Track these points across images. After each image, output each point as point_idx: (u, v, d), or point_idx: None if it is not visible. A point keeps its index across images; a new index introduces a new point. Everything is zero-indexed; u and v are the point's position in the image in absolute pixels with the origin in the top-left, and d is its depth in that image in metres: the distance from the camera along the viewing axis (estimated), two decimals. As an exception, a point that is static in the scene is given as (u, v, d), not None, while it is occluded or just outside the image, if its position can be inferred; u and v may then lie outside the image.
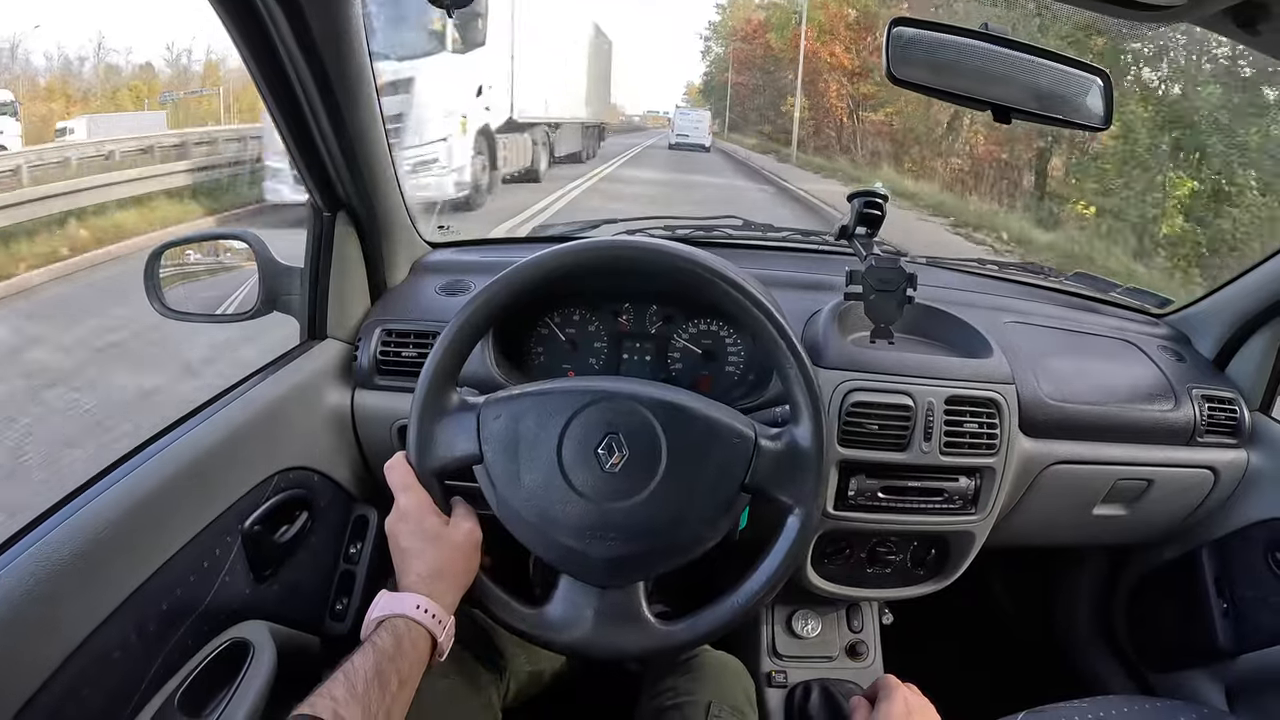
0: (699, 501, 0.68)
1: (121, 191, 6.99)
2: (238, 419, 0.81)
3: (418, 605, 0.62)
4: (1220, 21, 0.69)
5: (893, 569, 1.00)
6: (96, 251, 5.73)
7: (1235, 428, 1.07)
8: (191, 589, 0.72)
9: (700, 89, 46.57)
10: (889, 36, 0.72)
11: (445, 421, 0.69)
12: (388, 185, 0.96)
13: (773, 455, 0.69)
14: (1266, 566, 1.06)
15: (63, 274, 5.33)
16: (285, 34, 0.70)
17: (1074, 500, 1.05)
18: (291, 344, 0.97)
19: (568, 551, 0.67)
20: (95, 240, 5.89)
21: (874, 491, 0.91)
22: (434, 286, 1.04)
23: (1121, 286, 1.26)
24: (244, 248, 0.97)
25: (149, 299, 0.97)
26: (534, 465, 0.67)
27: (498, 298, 0.69)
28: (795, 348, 0.69)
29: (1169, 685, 1.18)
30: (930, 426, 0.89)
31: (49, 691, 0.56)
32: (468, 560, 0.67)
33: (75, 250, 5.64)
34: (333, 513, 0.94)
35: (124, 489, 0.67)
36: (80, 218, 6.13)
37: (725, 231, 1.26)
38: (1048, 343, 1.07)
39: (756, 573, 0.69)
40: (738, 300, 0.69)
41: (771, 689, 1.04)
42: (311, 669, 0.89)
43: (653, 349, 1.00)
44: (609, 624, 0.68)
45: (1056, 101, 0.78)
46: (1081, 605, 1.36)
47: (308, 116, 0.80)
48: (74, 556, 0.60)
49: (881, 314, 0.91)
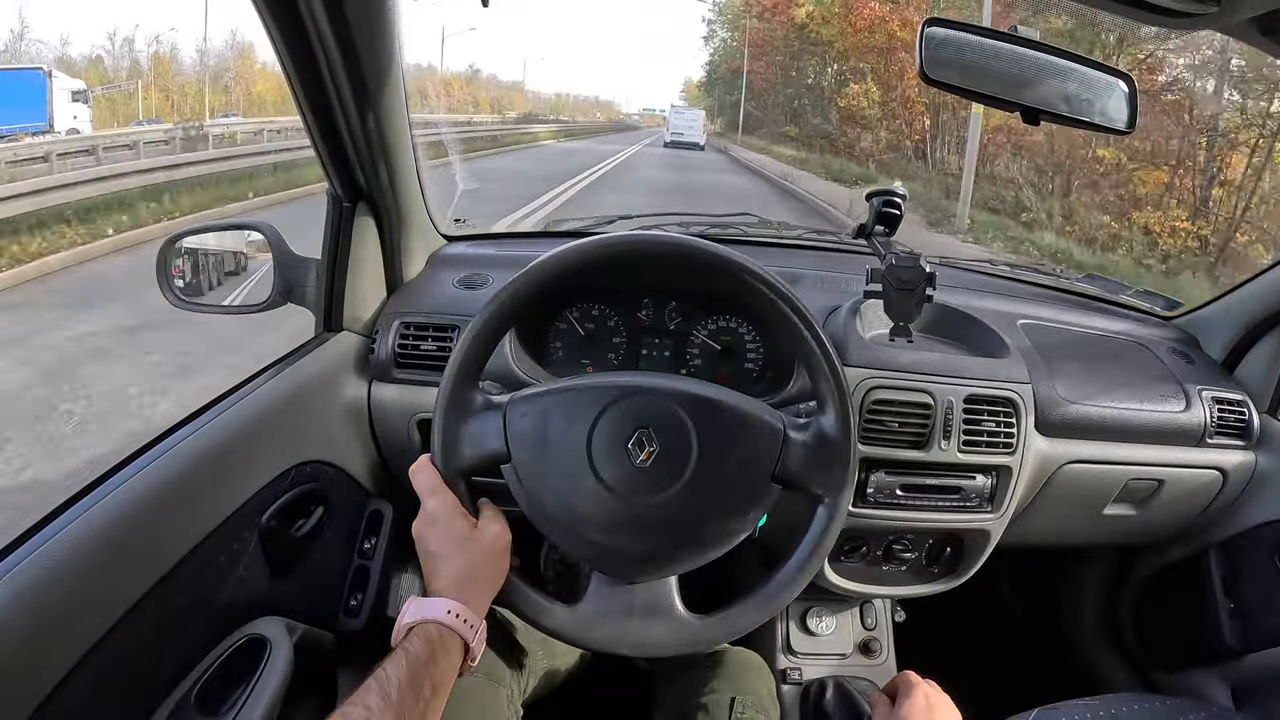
0: (730, 494, 0.67)
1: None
2: (255, 412, 0.80)
3: (449, 610, 0.61)
4: (1245, 29, 0.70)
5: (908, 566, 1.01)
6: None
7: (1244, 429, 1.09)
8: (209, 584, 0.71)
9: (701, 84, 43.91)
10: (922, 36, 0.73)
11: (471, 421, 0.68)
12: (409, 176, 0.95)
13: (801, 446, 0.68)
14: (1273, 567, 1.07)
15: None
16: (322, 24, 0.69)
17: (1086, 500, 1.06)
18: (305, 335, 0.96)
19: (599, 548, 0.67)
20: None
21: (893, 489, 0.91)
22: (451, 279, 1.03)
23: (1131, 289, 1.27)
24: (259, 238, 0.96)
25: (160, 289, 0.95)
26: (563, 463, 0.67)
27: (522, 292, 0.68)
28: (821, 339, 0.69)
29: (1176, 684, 1.20)
30: (949, 425, 0.90)
31: (68, 687, 0.55)
32: (498, 563, 0.67)
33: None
34: (348, 507, 0.94)
35: (141, 483, 0.66)
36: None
37: (741, 228, 1.27)
38: (1061, 344, 1.08)
39: (788, 564, 0.69)
40: (762, 293, 0.69)
41: (787, 686, 1.04)
42: (326, 665, 0.88)
43: (671, 345, 1.00)
44: (641, 621, 0.68)
45: (1083, 104, 0.79)
46: (1089, 605, 1.38)
47: (335, 105, 0.79)
48: (92, 551, 0.59)
49: (901, 312, 0.91)
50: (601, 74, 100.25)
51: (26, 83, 14.21)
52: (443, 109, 32.81)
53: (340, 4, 0.68)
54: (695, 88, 50.96)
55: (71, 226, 6.31)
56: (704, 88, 43.21)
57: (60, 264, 5.73)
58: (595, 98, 74.09)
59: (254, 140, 13.35)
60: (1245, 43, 0.75)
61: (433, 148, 0.99)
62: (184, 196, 7.86)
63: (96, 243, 6.20)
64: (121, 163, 8.71)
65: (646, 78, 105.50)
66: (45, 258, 5.68)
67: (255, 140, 13.34)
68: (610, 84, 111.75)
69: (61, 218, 6.42)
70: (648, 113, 65.50)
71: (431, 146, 0.98)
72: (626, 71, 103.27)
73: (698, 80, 49.11)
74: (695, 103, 42.87)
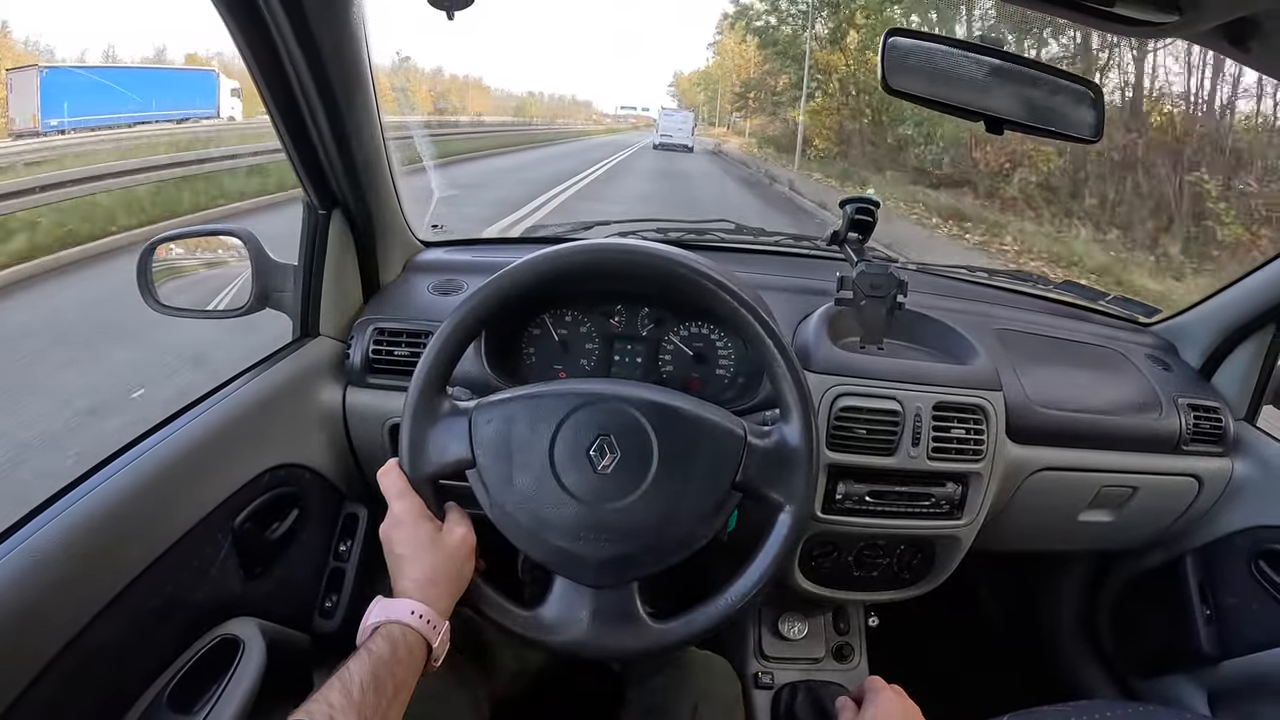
0: (690, 501, 0.68)
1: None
2: (230, 415, 0.81)
3: (413, 611, 0.62)
4: (1212, 37, 0.70)
5: (879, 572, 1.01)
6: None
7: (1220, 436, 1.09)
8: (182, 585, 0.72)
9: (698, 79, 40.88)
10: (885, 47, 0.73)
11: (437, 427, 0.69)
12: (383, 184, 0.96)
13: (763, 453, 0.69)
14: (1249, 573, 1.07)
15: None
16: (285, 31, 0.70)
17: (1060, 506, 1.06)
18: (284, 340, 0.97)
19: (561, 553, 0.68)
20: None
21: (861, 496, 0.92)
22: (427, 285, 1.04)
23: (1109, 295, 1.27)
24: (237, 243, 0.97)
25: (141, 294, 0.96)
26: (526, 468, 0.68)
27: (488, 302, 0.70)
28: (783, 347, 0.70)
29: (1153, 690, 1.20)
30: (918, 432, 0.90)
31: (39, 688, 0.56)
32: (462, 566, 0.68)
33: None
34: (323, 510, 0.95)
35: (115, 485, 0.67)
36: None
37: (717, 235, 1.27)
38: (1035, 350, 1.08)
39: (749, 570, 0.70)
40: (726, 301, 0.70)
41: (758, 690, 1.05)
42: (300, 666, 0.90)
43: (644, 350, 1.01)
44: (604, 624, 0.68)
45: (1049, 113, 0.79)
46: (1067, 610, 1.38)
47: (305, 114, 0.80)
48: (65, 553, 0.60)
49: (871, 320, 0.92)
50: (579, 70, 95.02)
51: (203, 80, 19.73)
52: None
53: (304, 15, 0.69)
54: (686, 82, 48.09)
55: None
56: (699, 85, 39.72)
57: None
58: (572, 97, 67.94)
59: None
60: (1213, 50, 0.75)
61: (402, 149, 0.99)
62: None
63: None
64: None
65: (629, 74, 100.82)
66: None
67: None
68: (589, 81, 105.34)
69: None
70: (627, 112, 57.37)
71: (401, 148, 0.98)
72: (606, 68, 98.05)
73: (690, 74, 46.25)
74: (686, 97, 41.31)
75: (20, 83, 13.93)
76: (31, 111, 13.32)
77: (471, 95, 42.38)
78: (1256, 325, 1.11)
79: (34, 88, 13.45)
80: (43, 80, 13.63)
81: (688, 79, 50.40)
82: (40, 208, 5.98)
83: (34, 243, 5.29)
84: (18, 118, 13.36)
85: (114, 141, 11.67)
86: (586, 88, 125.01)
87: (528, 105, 48.60)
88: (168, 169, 8.19)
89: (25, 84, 13.72)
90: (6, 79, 14.22)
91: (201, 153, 9.51)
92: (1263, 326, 1.11)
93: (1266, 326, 1.11)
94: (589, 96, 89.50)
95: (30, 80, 13.75)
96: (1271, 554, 1.06)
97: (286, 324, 0.99)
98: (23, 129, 13.17)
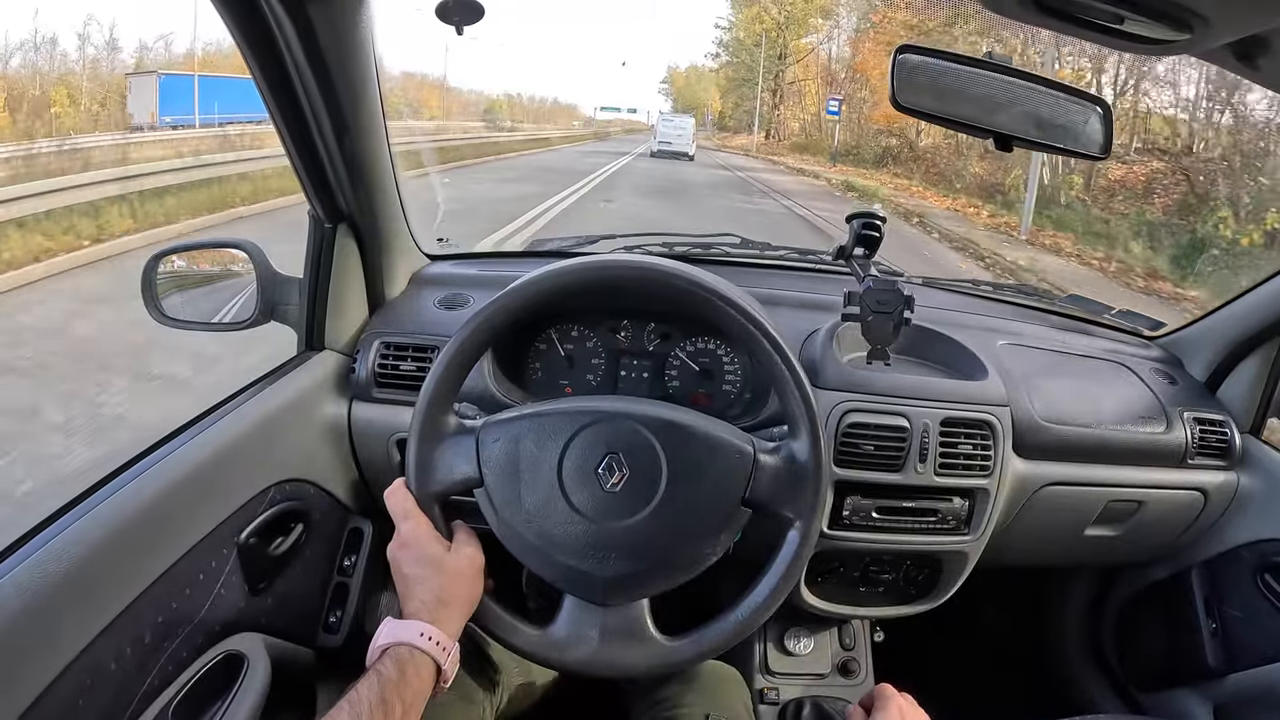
0: (699, 518, 0.68)
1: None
2: (235, 431, 0.81)
3: (422, 633, 0.62)
4: (1221, 55, 0.70)
5: (885, 588, 1.01)
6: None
7: (1225, 450, 1.08)
8: (187, 601, 0.71)
9: (695, 76, 37.67)
10: (894, 63, 0.73)
11: (444, 445, 0.69)
12: (389, 197, 0.96)
13: (771, 470, 0.69)
14: (1255, 587, 1.07)
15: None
16: (293, 45, 0.70)
17: (1066, 521, 1.06)
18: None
19: (570, 571, 0.68)
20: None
21: (868, 511, 0.91)
22: (433, 300, 1.04)
23: (1114, 309, 1.27)
24: (243, 256, 0.97)
25: (146, 306, 0.96)
26: (534, 487, 0.67)
27: (494, 319, 0.70)
28: (791, 363, 0.70)
29: (1158, 705, 1.19)
30: (925, 448, 0.90)
31: (44, 706, 0.56)
32: (471, 586, 0.68)
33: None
34: (328, 525, 0.94)
35: (120, 501, 0.66)
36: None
37: (723, 249, 1.26)
38: (1041, 364, 1.08)
39: (759, 587, 0.70)
40: (734, 318, 0.70)
41: (764, 705, 1.04)
42: (305, 681, 0.89)
43: (651, 366, 1.01)
44: (613, 642, 0.68)
45: (1057, 130, 0.79)
46: (1071, 625, 1.37)
47: (312, 128, 0.80)
48: (70, 570, 0.60)
49: (878, 335, 0.91)
50: (563, 71, 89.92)
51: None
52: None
53: (312, 29, 0.69)
54: (681, 78, 43.97)
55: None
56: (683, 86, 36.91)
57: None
58: (554, 99, 62.81)
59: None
60: (1221, 68, 0.75)
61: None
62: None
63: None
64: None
65: (616, 74, 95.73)
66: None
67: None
68: (573, 83, 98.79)
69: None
70: (609, 114, 50.29)
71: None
72: (592, 69, 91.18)
73: (686, 69, 41.95)
74: (682, 97, 39.86)
75: (139, 86, 16.37)
76: (150, 109, 15.68)
77: (426, 95, 37.45)
78: (1262, 338, 1.11)
79: (153, 90, 16.00)
80: (161, 84, 16.14)
81: (683, 75, 46.23)
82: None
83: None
84: (136, 114, 15.56)
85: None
86: (570, 90, 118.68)
87: (499, 108, 42.54)
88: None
89: (144, 87, 16.19)
90: (127, 82, 16.73)
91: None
92: (1269, 340, 1.10)
93: (1272, 340, 1.10)
94: (573, 99, 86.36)
95: (149, 84, 16.29)
96: (1277, 567, 1.05)
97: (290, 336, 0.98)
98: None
